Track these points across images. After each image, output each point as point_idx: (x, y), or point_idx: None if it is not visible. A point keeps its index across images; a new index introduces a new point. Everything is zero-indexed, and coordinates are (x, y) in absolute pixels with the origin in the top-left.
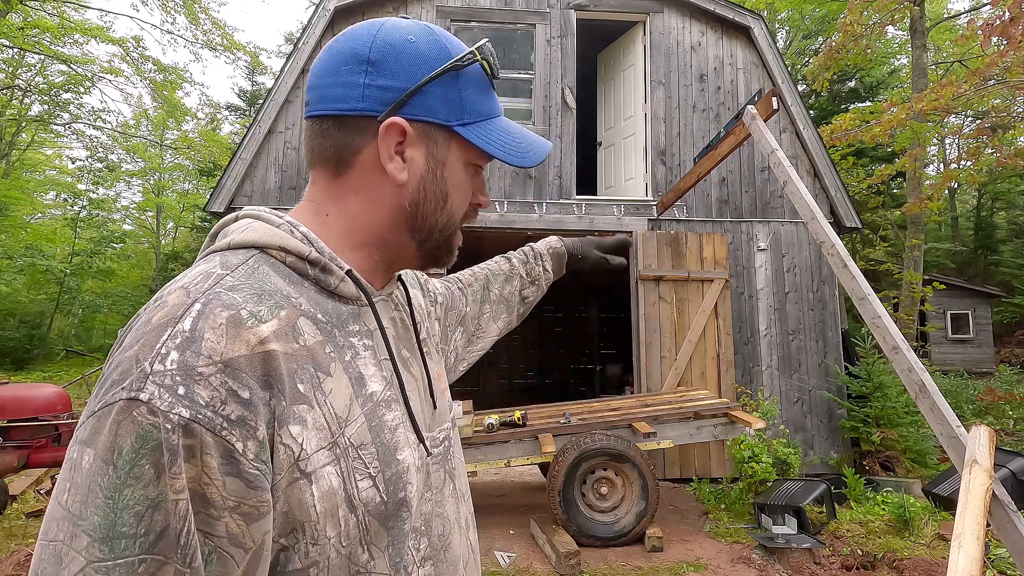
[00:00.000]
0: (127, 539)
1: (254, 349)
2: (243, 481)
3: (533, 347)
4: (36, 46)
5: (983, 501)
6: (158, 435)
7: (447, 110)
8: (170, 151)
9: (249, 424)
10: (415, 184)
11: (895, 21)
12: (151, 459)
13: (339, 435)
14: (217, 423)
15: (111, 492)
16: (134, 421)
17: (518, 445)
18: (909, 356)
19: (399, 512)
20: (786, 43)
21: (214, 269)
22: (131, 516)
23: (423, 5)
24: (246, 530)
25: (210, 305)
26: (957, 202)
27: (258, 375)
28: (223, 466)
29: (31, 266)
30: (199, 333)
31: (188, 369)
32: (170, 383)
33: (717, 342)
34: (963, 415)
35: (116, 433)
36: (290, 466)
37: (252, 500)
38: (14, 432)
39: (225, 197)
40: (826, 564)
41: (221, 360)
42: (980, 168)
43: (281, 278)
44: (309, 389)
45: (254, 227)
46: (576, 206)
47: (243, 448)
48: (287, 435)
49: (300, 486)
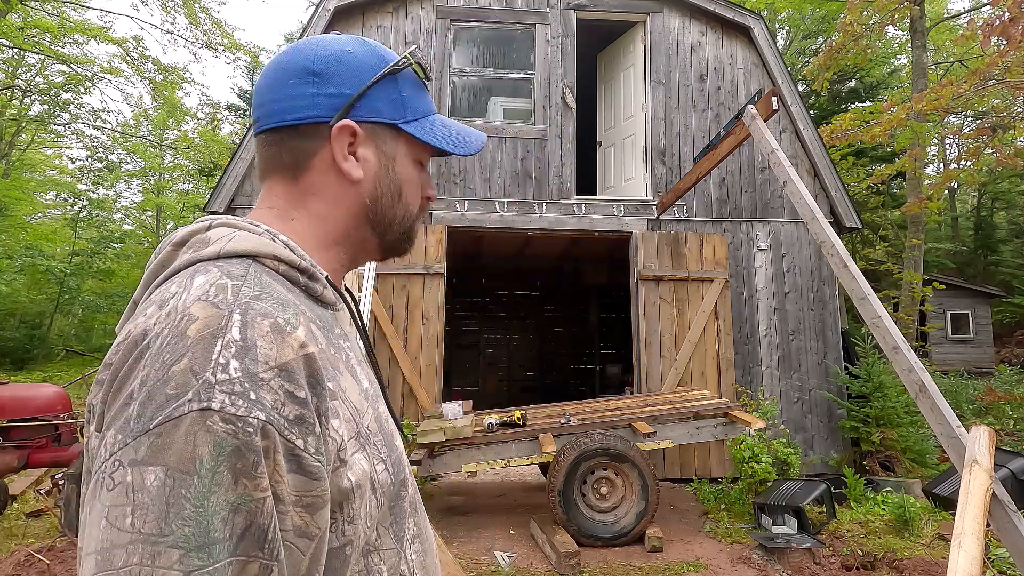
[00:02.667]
0: (219, 544)
1: (298, 352)
2: (305, 475)
3: (533, 347)
4: (36, 46)
5: (983, 501)
6: (235, 441)
7: (391, 110)
8: (170, 151)
9: (308, 421)
10: (371, 180)
11: (895, 21)
12: (228, 465)
13: (360, 425)
14: (282, 424)
15: (199, 501)
16: (209, 430)
17: (518, 445)
18: (909, 356)
19: (400, 492)
20: (786, 43)
21: (224, 280)
22: (219, 521)
23: (423, 5)
24: (310, 520)
25: (249, 314)
26: (957, 202)
27: (305, 376)
28: (288, 463)
29: (31, 266)
30: (251, 341)
31: (252, 375)
32: (240, 390)
33: (717, 342)
34: (963, 415)
35: (194, 444)
36: (335, 456)
37: (315, 491)
38: (14, 432)
39: (225, 197)
40: (826, 564)
41: (277, 365)
42: (980, 168)
43: (281, 286)
44: (335, 386)
45: (241, 236)
46: (576, 206)
47: (304, 444)
48: (331, 428)
49: (340, 472)
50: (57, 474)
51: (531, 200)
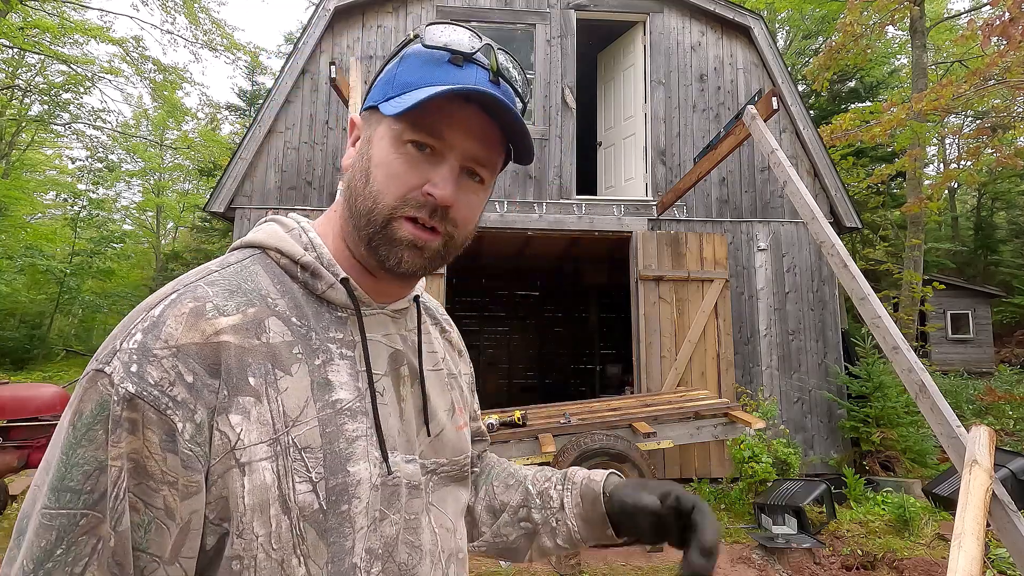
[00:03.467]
0: (72, 493)
1: (208, 338)
2: (179, 459)
3: (533, 347)
4: (36, 46)
5: (983, 501)
6: (108, 404)
7: (379, 93)
8: (170, 151)
9: (189, 407)
10: (348, 168)
11: (895, 21)
12: (103, 426)
13: (283, 433)
14: (163, 402)
15: (67, 449)
16: (96, 390)
17: (518, 445)
18: (909, 356)
19: (341, 527)
20: (786, 43)
21: (212, 265)
22: (79, 473)
23: (423, 5)
24: (178, 505)
25: (182, 296)
26: (957, 202)
27: (207, 363)
28: (165, 443)
29: (31, 266)
30: (163, 319)
31: (145, 350)
32: (127, 360)
33: (717, 342)
34: (963, 415)
35: (81, 399)
36: (225, 453)
37: (185, 478)
38: (14, 432)
39: (225, 197)
40: (826, 564)
41: (175, 345)
42: (980, 168)
43: (269, 278)
44: (261, 384)
45: (264, 228)
46: (576, 206)
47: (182, 428)
48: (224, 423)
49: (233, 475)
50: None
51: (531, 200)
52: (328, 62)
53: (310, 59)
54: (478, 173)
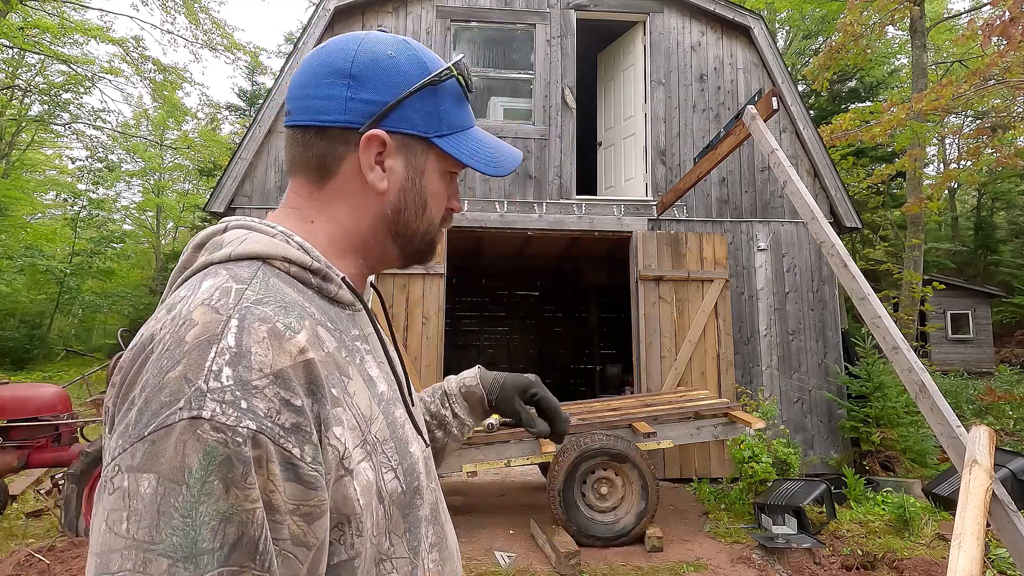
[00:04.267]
0: (208, 554)
1: (296, 359)
2: (302, 484)
3: (533, 347)
4: (36, 46)
5: (983, 501)
6: (225, 450)
7: (425, 122)
8: (170, 151)
9: (304, 430)
10: (396, 192)
11: (895, 21)
12: (219, 474)
13: (368, 433)
14: (276, 432)
15: (188, 511)
16: (199, 439)
17: (518, 445)
18: (909, 356)
19: (413, 500)
20: (786, 43)
21: (229, 283)
22: (208, 532)
23: (423, 5)
24: (308, 530)
25: (247, 320)
26: (957, 202)
27: (303, 383)
28: (284, 472)
29: (31, 266)
30: (246, 348)
31: (244, 383)
32: (231, 398)
33: (717, 342)
34: (963, 415)
35: (183, 452)
36: (337, 465)
37: (313, 500)
38: (14, 432)
39: (225, 197)
40: (826, 564)
41: (272, 372)
42: (980, 168)
43: (291, 288)
44: (340, 392)
45: (252, 238)
46: (576, 206)
47: (300, 453)
48: (332, 436)
49: (345, 482)
50: (57, 474)
51: (531, 200)
52: None
53: None
54: None
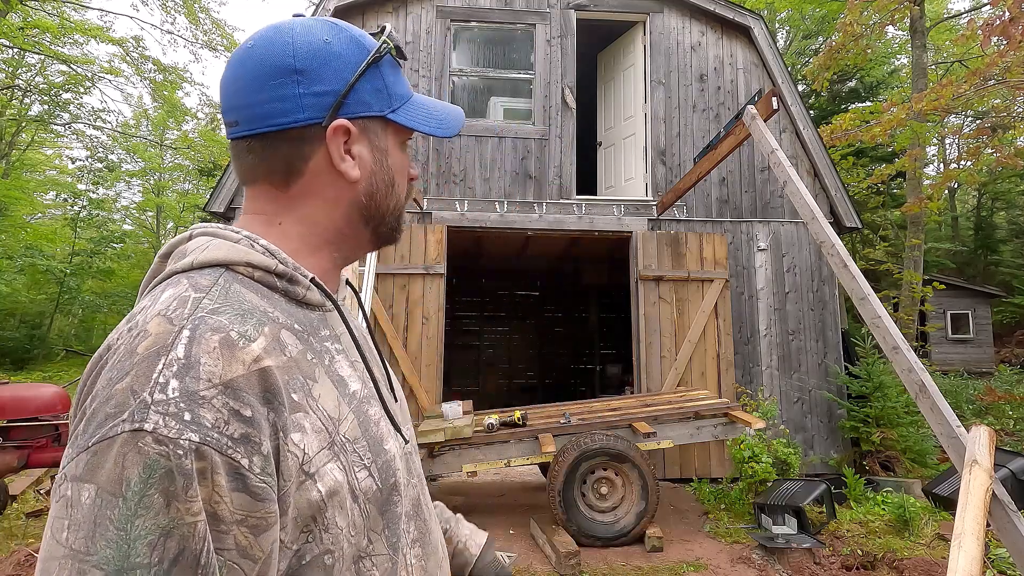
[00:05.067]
0: (142, 568)
1: (250, 368)
2: (250, 495)
3: (533, 347)
4: (36, 46)
5: (983, 501)
6: (167, 463)
7: (378, 101)
8: (170, 151)
9: (253, 440)
10: (367, 177)
11: (895, 21)
12: (159, 487)
13: (336, 434)
14: (223, 443)
15: (122, 523)
16: (140, 451)
17: (518, 445)
18: (909, 356)
19: (391, 497)
20: (786, 43)
21: (187, 293)
22: (144, 546)
23: (423, 5)
24: (254, 541)
25: (199, 330)
26: (957, 202)
27: (257, 392)
28: (230, 483)
29: (31, 266)
30: (195, 359)
31: (191, 394)
32: (175, 410)
33: (717, 342)
34: (963, 415)
35: (122, 465)
36: (297, 471)
37: (260, 512)
38: (14, 432)
39: (225, 197)
40: (826, 564)
41: (221, 382)
42: (980, 168)
43: (254, 294)
44: (302, 397)
45: (215, 244)
46: (576, 206)
47: (248, 464)
48: (291, 443)
49: (307, 486)
50: (57, 474)
51: (531, 200)
52: None
53: None
54: None
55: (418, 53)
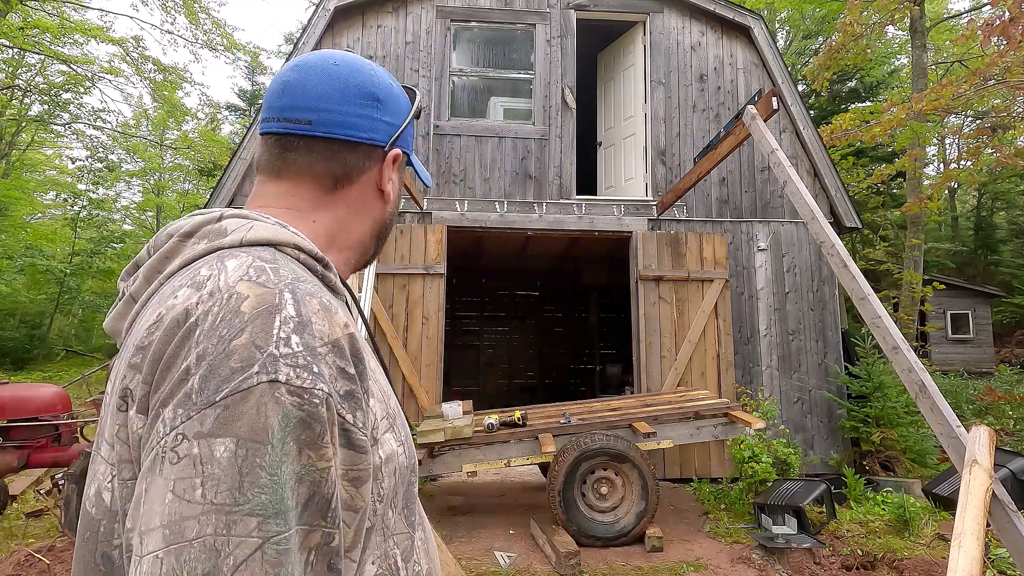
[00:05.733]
0: (295, 511)
1: (345, 331)
2: (354, 449)
3: (533, 347)
4: (36, 46)
5: (983, 501)
6: (299, 412)
7: (409, 143)
8: (170, 151)
9: (356, 396)
10: (394, 201)
11: (895, 21)
12: (295, 435)
13: (389, 406)
14: (336, 399)
15: (274, 469)
16: (277, 401)
17: (518, 445)
18: (909, 356)
19: (411, 477)
20: (786, 43)
21: (260, 263)
22: (289, 490)
23: (423, 5)
24: (356, 493)
25: (299, 293)
26: (957, 202)
27: (351, 354)
28: (340, 437)
29: (31, 266)
30: (307, 318)
31: (312, 350)
32: (304, 363)
33: (717, 342)
34: (963, 415)
35: (265, 414)
36: (371, 432)
37: (361, 464)
38: (14, 432)
39: (225, 197)
40: (826, 564)
41: (330, 341)
42: (980, 168)
43: (304, 273)
44: (369, 367)
45: (259, 226)
46: (576, 206)
47: (353, 419)
48: (368, 406)
49: (373, 450)
50: (57, 474)
51: (531, 200)
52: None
53: None
54: None
55: (418, 53)
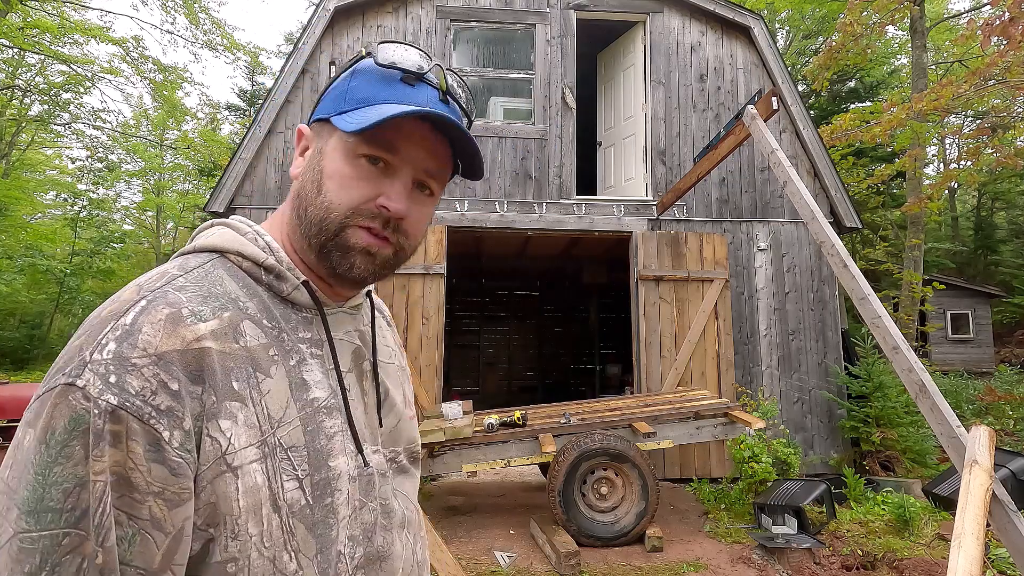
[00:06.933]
0: (53, 513)
1: (189, 345)
2: (167, 468)
3: (533, 347)
4: (36, 46)
5: (983, 501)
6: (86, 418)
7: (332, 106)
8: (170, 151)
9: (176, 414)
10: (301, 175)
11: (895, 21)
12: (81, 441)
13: (269, 434)
14: (146, 412)
15: (42, 469)
16: (68, 405)
17: (518, 445)
18: (909, 356)
19: (326, 519)
20: (786, 43)
21: (171, 270)
22: (59, 492)
23: (423, 5)
24: (167, 515)
25: (154, 302)
26: (957, 202)
27: (190, 369)
28: (148, 453)
29: (31, 266)
30: (137, 327)
31: (122, 359)
32: (103, 371)
33: (717, 342)
34: (963, 415)
35: (52, 415)
36: (216, 459)
37: (175, 487)
38: (14, 432)
39: (225, 197)
40: (826, 564)
41: (155, 353)
42: (980, 168)
43: (235, 282)
44: (244, 387)
45: (219, 232)
46: (576, 206)
47: (169, 436)
48: (215, 428)
49: (226, 479)
50: None
51: (531, 200)
52: (328, 62)
53: (310, 59)
54: (428, 186)
55: None
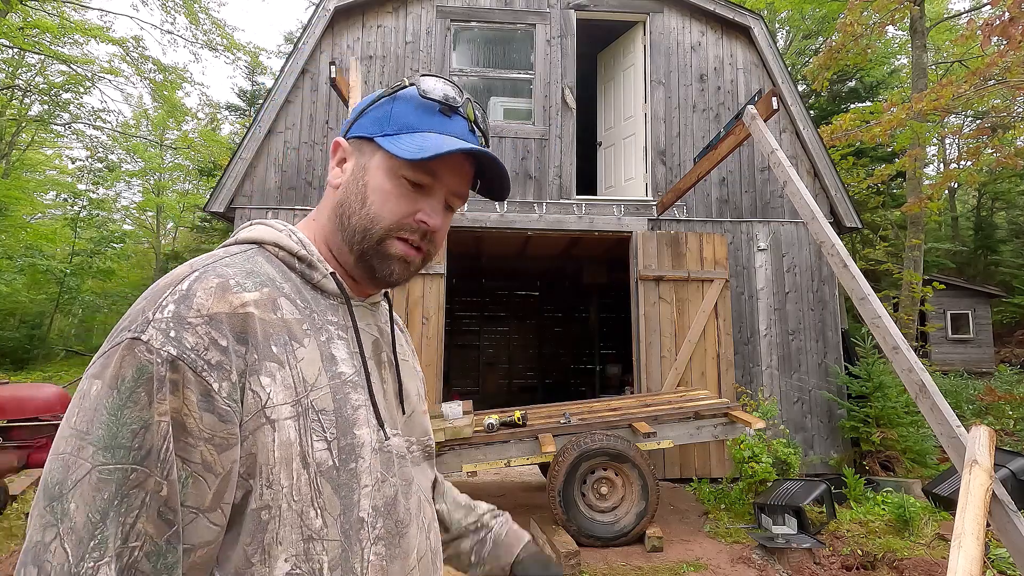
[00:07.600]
0: (123, 449)
1: (236, 309)
2: (217, 416)
3: (533, 347)
4: (36, 46)
5: (983, 501)
6: (149, 368)
7: (374, 126)
8: (170, 151)
9: (224, 368)
10: (343, 187)
11: (895, 21)
12: (146, 388)
13: (303, 396)
14: (199, 364)
15: (114, 411)
16: (135, 356)
17: (518, 445)
18: (909, 356)
19: (350, 482)
20: (786, 43)
21: (218, 252)
22: (128, 432)
23: (423, 5)
24: (217, 458)
25: (206, 273)
26: (957, 202)
27: (236, 330)
28: (201, 402)
29: (31, 266)
30: (192, 292)
31: (180, 318)
32: (164, 327)
33: (717, 342)
34: (963, 415)
35: (120, 365)
36: (257, 411)
37: (223, 432)
38: (14, 432)
39: (225, 197)
40: (826, 564)
41: (207, 314)
42: (980, 168)
43: (272, 267)
44: (282, 352)
45: (258, 228)
46: (576, 206)
47: (218, 387)
48: (256, 383)
49: (264, 431)
50: None
51: (531, 200)
52: (328, 62)
53: (310, 59)
54: (452, 205)
55: (418, 53)
